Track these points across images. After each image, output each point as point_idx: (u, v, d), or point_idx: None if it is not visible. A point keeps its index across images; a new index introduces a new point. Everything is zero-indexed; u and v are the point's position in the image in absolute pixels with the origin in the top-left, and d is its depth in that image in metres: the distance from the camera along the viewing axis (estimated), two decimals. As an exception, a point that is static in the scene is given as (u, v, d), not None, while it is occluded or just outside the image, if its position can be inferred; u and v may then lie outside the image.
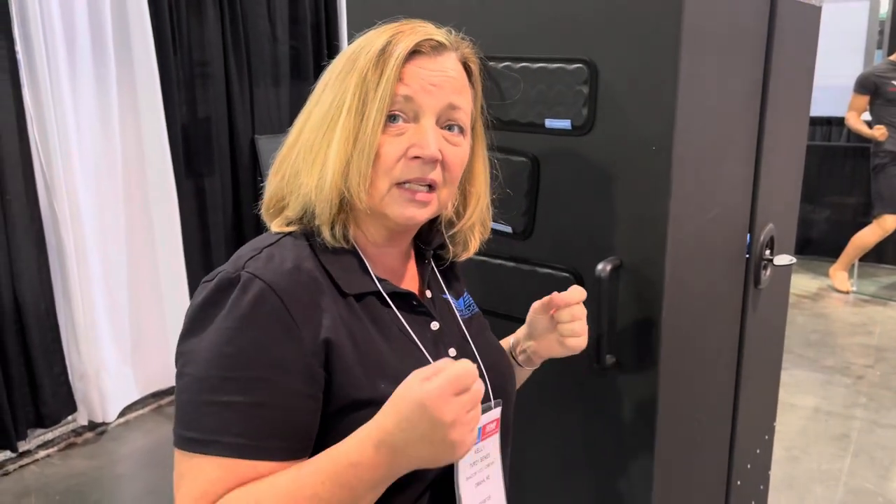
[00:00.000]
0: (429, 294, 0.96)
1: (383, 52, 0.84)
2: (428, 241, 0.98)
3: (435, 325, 0.92)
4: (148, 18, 3.07)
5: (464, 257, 0.99)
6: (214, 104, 3.52)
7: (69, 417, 3.09)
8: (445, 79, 0.86)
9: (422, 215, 0.87)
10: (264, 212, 0.92)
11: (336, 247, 0.86)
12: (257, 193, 0.94)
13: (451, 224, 0.97)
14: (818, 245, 5.50)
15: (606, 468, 1.34)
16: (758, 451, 1.85)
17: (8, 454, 2.87)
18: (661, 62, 1.15)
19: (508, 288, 1.38)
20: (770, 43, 1.46)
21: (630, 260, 1.24)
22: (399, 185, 0.84)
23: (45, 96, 2.76)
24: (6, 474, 2.83)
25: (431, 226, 0.97)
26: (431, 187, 0.86)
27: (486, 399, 0.92)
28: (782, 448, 2.95)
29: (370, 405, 0.79)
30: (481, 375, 0.93)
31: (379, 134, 0.83)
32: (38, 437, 3.01)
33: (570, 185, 1.29)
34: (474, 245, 0.98)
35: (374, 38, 0.86)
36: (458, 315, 0.98)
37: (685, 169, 1.21)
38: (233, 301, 0.78)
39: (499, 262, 1.39)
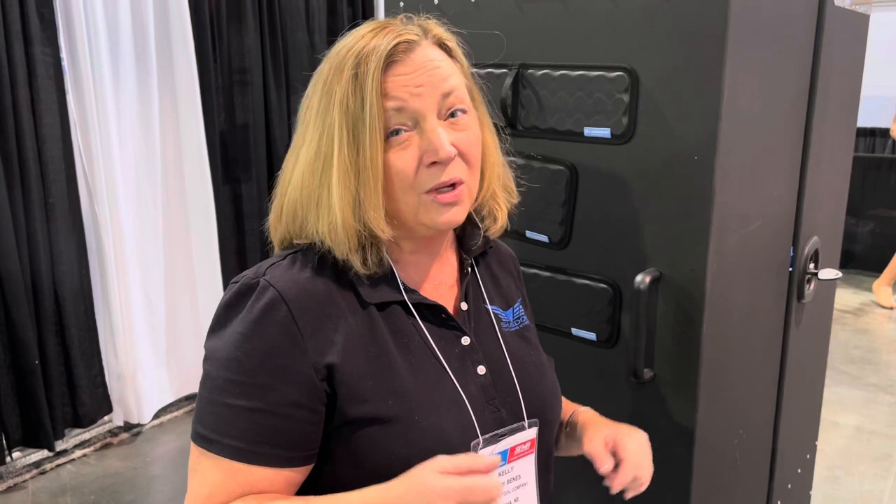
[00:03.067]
0: (465, 306, 0.93)
1: (356, 76, 0.80)
2: (467, 247, 0.95)
3: (465, 341, 0.89)
4: (189, 27, 3.12)
5: (494, 230, 0.94)
6: (252, 112, 3.56)
7: (105, 418, 3.13)
8: (429, 75, 0.81)
9: (459, 215, 0.84)
10: (277, 245, 0.90)
11: (368, 274, 0.84)
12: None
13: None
14: (861, 259, 5.37)
15: (642, 484, 1.31)
16: (799, 470, 1.79)
17: (45, 453, 2.92)
18: (704, 70, 1.13)
19: (543, 298, 1.36)
20: (817, 51, 1.42)
21: (670, 272, 1.21)
22: (427, 192, 0.82)
23: (88, 103, 2.82)
24: (43, 473, 2.88)
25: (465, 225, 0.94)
26: (455, 184, 0.83)
27: (518, 419, 0.90)
28: (823, 468, 2.87)
29: (376, 423, 0.80)
30: (515, 395, 0.91)
31: (380, 160, 0.80)
32: (75, 436, 3.05)
33: (608, 195, 1.27)
34: (502, 215, 0.94)
35: (343, 64, 0.82)
36: (498, 329, 0.94)
37: (728, 179, 1.18)
38: (248, 307, 0.81)
39: (534, 271, 1.37)
